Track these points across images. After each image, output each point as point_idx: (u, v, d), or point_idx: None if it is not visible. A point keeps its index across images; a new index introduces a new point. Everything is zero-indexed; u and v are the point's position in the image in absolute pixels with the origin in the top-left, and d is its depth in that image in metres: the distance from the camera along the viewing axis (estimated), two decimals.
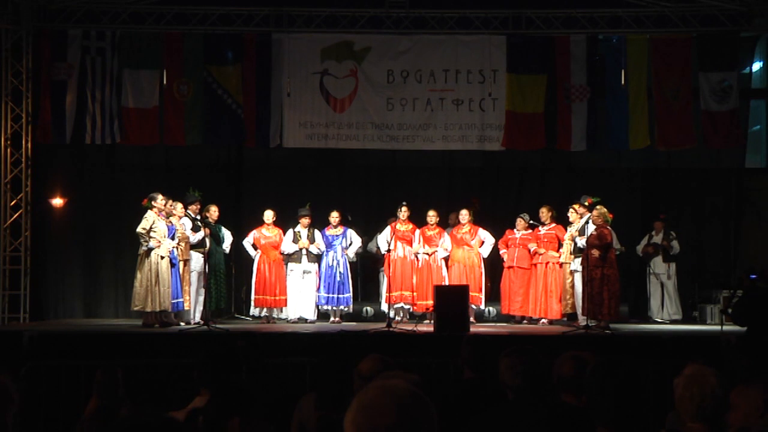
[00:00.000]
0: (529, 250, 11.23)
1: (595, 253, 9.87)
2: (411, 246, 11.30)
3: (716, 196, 13.05)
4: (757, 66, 13.05)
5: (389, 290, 10.78)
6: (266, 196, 12.31)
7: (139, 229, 10.01)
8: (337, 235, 11.38)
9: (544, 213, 11.21)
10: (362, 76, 12.07)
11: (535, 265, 11.21)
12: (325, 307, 11.34)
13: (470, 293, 10.48)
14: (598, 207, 10.22)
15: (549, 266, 11.11)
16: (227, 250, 11.36)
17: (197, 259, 10.74)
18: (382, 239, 11.20)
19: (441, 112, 12.04)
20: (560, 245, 11.13)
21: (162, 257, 10.04)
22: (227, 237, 11.34)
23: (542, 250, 11.10)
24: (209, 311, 10.36)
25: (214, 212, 11.15)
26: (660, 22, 11.96)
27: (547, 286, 11.08)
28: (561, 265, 11.10)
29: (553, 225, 11.19)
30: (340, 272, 11.25)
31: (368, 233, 11.97)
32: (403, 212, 11.26)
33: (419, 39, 12.12)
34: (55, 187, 12.27)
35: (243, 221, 12.18)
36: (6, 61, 11.68)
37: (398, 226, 11.24)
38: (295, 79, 11.99)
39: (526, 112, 11.96)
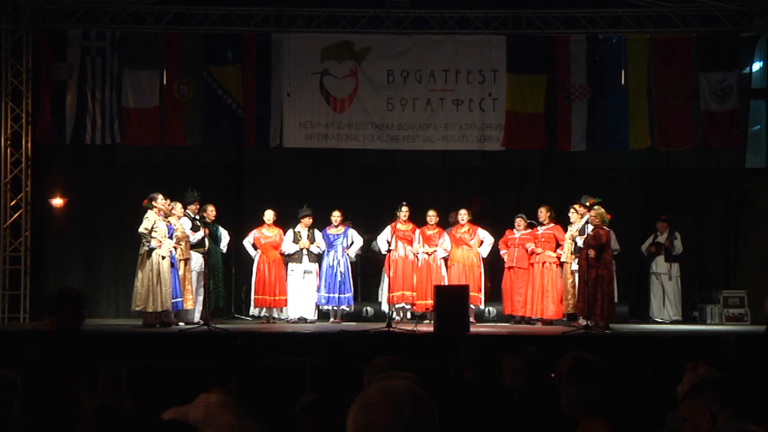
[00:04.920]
0: (527, 250, 11.24)
1: (591, 253, 9.88)
2: (411, 246, 11.31)
3: (716, 196, 13.05)
4: (757, 66, 13.04)
5: (390, 290, 10.79)
6: (266, 196, 12.30)
7: (140, 230, 10.02)
8: (337, 235, 11.39)
9: (543, 213, 11.22)
10: (362, 76, 12.07)
11: (533, 264, 11.22)
12: (325, 307, 11.36)
13: (470, 293, 10.48)
14: (595, 207, 10.24)
15: (546, 266, 11.12)
16: (224, 250, 11.37)
17: (197, 259, 10.76)
18: (383, 239, 11.21)
19: (441, 112, 12.04)
20: (558, 245, 11.15)
21: (163, 257, 10.06)
22: (224, 237, 11.35)
23: (539, 250, 11.11)
24: (209, 311, 10.37)
25: (211, 212, 11.17)
26: (660, 22, 11.97)
27: (543, 286, 11.08)
28: (559, 265, 11.12)
29: (551, 225, 11.20)
30: (341, 272, 11.26)
31: (369, 233, 11.95)
32: (404, 212, 11.27)
33: (419, 39, 12.12)
34: (55, 187, 12.26)
35: (243, 221, 12.18)
36: (6, 61, 11.69)
37: (398, 225, 11.24)
38: (295, 79, 11.99)
39: (526, 112, 11.96)
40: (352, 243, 11.47)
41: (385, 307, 10.91)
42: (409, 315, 11.35)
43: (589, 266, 9.87)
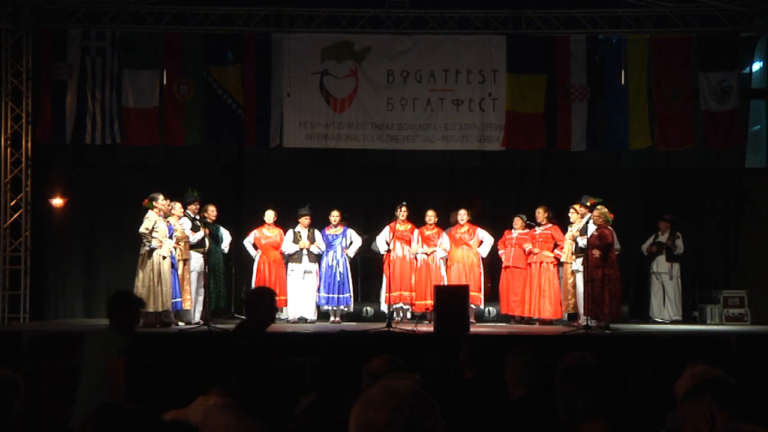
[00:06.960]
0: (525, 250, 11.24)
1: (596, 253, 9.88)
2: (410, 246, 11.31)
3: (716, 196, 13.05)
4: (757, 66, 13.03)
5: (389, 290, 10.79)
6: (266, 196, 12.30)
7: (141, 230, 10.03)
8: (336, 235, 11.40)
9: (540, 213, 11.22)
10: (362, 76, 12.07)
11: (530, 264, 11.23)
12: (325, 307, 11.36)
13: (470, 293, 10.48)
14: (598, 207, 10.24)
15: (543, 266, 11.13)
16: (226, 250, 11.38)
17: (197, 259, 10.76)
18: (381, 239, 11.21)
19: (441, 112, 12.05)
20: (555, 245, 11.15)
21: (164, 257, 10.07)
22: (226, 237, 11.37)
23: (537, 250, 11.12)
24: (209, 311, 10.37)
25: (212, 212, 11.19)
26: (660, 22, 11.97)
27: (540, 286, 11.09)
28: (556, 265, 11.13)
29: (549, 225, 11.21)
30: (339, 272, 11.27)
31: (369, 233, 11.95)
32: (402, 212, 11.27)
33: (419, 39, 12.13)
34: (55, 187, 12.26)
35: (243, 221, 12.19)
36: (6, 61, 11.68)
37: (397, 226, 11.25)
38: (295, 79, 11.99)
39: (526, 112, 11.96)
40: (351, 243, 11.47)
41: (384, 307, 10.91)
42: (409, 315, 11.36)
43: (595, 266, 9.88)
